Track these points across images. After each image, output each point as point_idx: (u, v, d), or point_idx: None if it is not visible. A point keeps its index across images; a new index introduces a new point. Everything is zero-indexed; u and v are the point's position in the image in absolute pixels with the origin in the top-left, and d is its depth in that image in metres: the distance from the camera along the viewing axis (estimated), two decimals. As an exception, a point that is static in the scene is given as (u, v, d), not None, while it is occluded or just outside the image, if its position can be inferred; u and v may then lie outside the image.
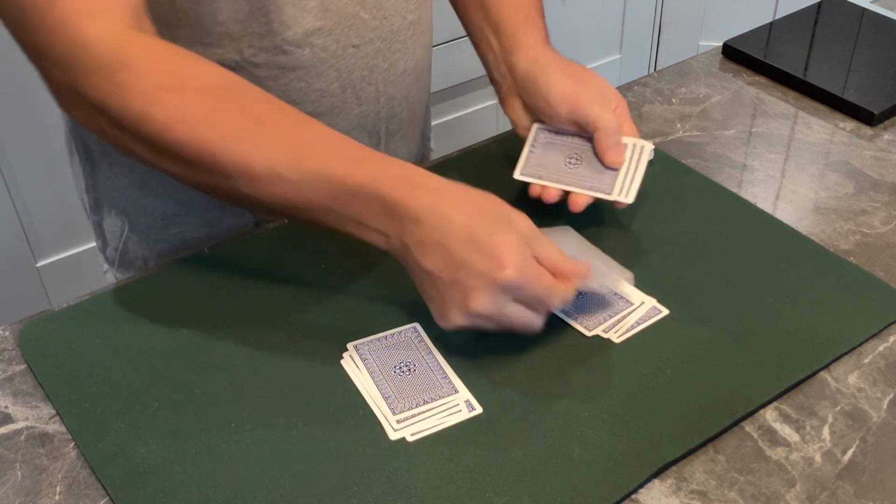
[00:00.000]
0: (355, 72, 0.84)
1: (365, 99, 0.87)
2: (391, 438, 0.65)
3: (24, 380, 0.70)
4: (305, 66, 0.81)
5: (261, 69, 0.80)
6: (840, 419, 0.67)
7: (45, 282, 1.88)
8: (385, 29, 0.85)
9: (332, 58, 0.82)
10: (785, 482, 0.62)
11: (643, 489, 0.62)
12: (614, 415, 0.66)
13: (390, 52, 0.86)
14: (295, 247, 0.81)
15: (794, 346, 0.71)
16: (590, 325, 0.73)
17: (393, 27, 0.85)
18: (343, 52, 0.82)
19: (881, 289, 0.77)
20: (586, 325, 0.73)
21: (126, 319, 0.74)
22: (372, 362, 0.70)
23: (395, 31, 0.86)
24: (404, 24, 0.86)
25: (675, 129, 0.98)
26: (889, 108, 0.98)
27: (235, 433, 0.65)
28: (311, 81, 0.82)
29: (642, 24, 2.51)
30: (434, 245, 0.65)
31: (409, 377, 0.69)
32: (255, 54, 0.79)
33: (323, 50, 0.81)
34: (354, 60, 0.84)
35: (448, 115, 2.24)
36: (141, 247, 0.94)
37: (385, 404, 0.67)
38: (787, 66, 1.05)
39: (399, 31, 0.86)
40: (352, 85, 0.85)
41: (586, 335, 0.72)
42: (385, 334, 0.72)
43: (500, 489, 0.61)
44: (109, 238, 0.96)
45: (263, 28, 0.78)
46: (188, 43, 0.77)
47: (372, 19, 0.83)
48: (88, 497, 0.62)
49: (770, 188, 0.89)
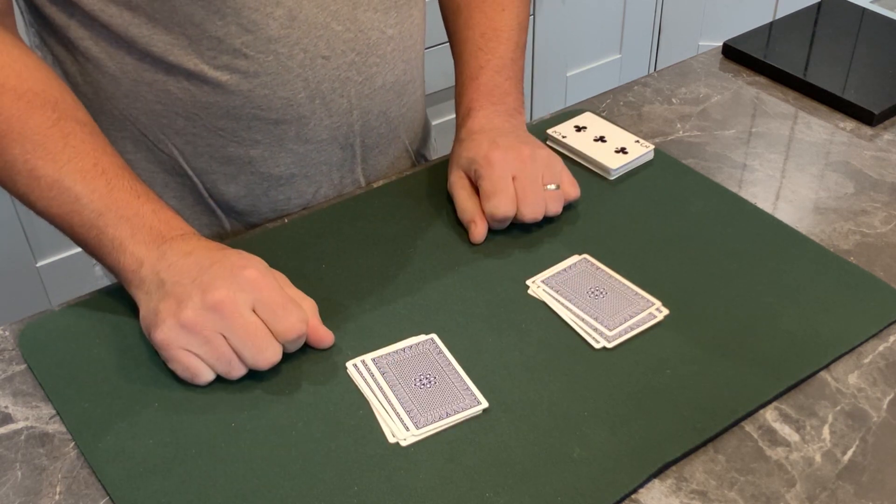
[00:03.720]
0: (325, 83, 0.82)
1: (336, 111, 0.85)
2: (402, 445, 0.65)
3: (24, 380, 0.70)
4: (269, 73, 0.80)
5: (221, 73, 0.79)
6: (840, 419, 0.67)
7: (45, 282, 1.88)
8: (360, 42, 0.83)
9: (298, 67, 0.80)
10: (785, 482, 0.62)
11: (643, 489, 0.62)
12: (614, 415, 0.66)
13: (366, 66, 0.84)
14: (295, 247, 0.81)
15: (794, 346, 0.71)
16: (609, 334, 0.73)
17: (369, 40, 0.83)
18: (311, 62, 0.81)
19: (881, 289, 0.77)
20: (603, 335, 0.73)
21: (126, 319, 0.74)
22: (391, 375, 0.69)
23: (371, 45, 0.84)
24: (383, 38, 0.84)
25: (675, 129, 0.98)
26: (889, 108, 0.98)
27: (235, 433, 0.65)
28: (276, 89, 0.81)
29: (642, 24, 2.51)
30: (183, 262, 0.69)
31: (430, 389, 0.68)
32: (215, 57, 0.78)
33: (289, 58, 0.80)
34: (325, 72, 0.82)
35: (448, 115, 2.24)
36: None
37: (408, 417, 0.66)
38: (787, 66, 1.05)
39: (377, 44, 0.84)
40: (321, 96, 0.83)
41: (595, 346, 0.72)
42: (403, 346, 0.71)
43: (500, 489, 0.61)
44: None
45: (221, 31, 0.77)
46: (148, 43, 0.77)
47: (345, 31, 0.81)
48: (88, 497, 0.62)
49: (770, 188, 0.89)
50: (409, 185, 0.89)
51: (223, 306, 0.66)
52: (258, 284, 0.68)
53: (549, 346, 0.72)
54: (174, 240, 0.71)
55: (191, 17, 0.76)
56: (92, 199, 0.71)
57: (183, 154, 0.85)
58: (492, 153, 0.82)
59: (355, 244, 0.82)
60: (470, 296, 0.76)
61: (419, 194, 0.87)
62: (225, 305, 0.66)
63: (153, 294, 0.69)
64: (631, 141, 0.92)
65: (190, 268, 0.68)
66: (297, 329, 0.68)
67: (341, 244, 0.82)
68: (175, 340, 0.67)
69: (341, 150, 0.88)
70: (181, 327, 0.66)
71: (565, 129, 0.93)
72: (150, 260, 0.70)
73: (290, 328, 0.68)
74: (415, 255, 0.80)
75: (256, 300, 0.67)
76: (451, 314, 0.74)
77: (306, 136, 0.85)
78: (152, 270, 0.69)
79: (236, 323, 0.66)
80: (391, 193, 0.88)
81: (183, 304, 0.67)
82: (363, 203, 0.87)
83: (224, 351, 0.67)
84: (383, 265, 0.79)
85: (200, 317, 0.66)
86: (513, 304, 0.75)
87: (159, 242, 0.70)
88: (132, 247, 0.70)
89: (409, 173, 0.91)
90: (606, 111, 1.00)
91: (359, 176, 0.91)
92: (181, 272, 0.68)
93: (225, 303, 0.66)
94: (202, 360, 0.67)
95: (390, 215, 0.85)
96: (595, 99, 1.03)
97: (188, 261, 0.69)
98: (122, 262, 0.71)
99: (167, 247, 0.70)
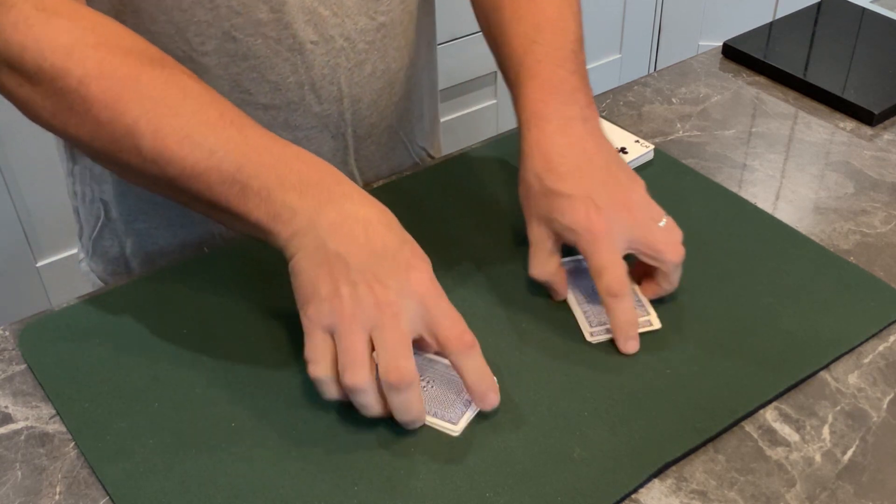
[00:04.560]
0: (314, 69, 0.82)
1: (326, 98, 0.84)
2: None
3: (24, 380, 0.70)
4: (258, 56, 0.80)
5: (210, 58, 0.79)
6: (840, 419, 0.67)
7: (45, 282, 1.89)
8: (348, 27, 0.82)
9: (286, 51, 0.80)
10: (785, 482, 0.62)
11: (643, 489, 0.62)
12: (614, 415, 0.66)
13: (355, 53, 0.83)
14: (295, 247, 0.81)
15: (794, 346, 0.71)
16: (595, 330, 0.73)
17: (358, 27, 0.82)
18: (300, 46, 0.80)
19: (881, 289, 0.77)
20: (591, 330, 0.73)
21: (126, 319, 0.74)
22: None
23: (360, 31, 0.83)
24: (373, 24, 0.83)
25: (675, 129, 0.98)
26: (889, 108, 0.98)
27: (235, 433, 0.65)
28: (264, 73, 0.80)
29: (642, 24, 2.51)
30: (350, 228, 0.63)
31: (425, 392, 0.67)
32: (204, 42, 0.78)
33: (277, 42, 0.79)
34: (313, 57, 0.81)
35: (448, 115, 2.24)
36: (113, 240, 0.93)
37: None
38: (787, 66, 1.05)
39: (366, 31, 0.83)
40: (310, 82, 0.82)
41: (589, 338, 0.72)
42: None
43: (500, 489, 0.61)
44: (85, 225, 0.96)
45: (210, 14, 0.77)
46: (134, 30, 0.77)
47: (333, 16, 0.80)
48: (88, 497, 0.62)
49: (770, 188, 0.89)
50: (409, 185, 0.89)
51: (387, 308, 0.62)
52: (429, 292, 0.64)
53: (549, 346, 0.72)
54: (331, 191, 0.64)
55: (179, 3, 0.76)
56: (228, 149, 0.64)
57: None
58: (594, 225, 0.71)
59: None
60: (470, 296, 0.76)
61: (419, 194, 0.87)
62: (389, 309, 0.62)
63: (311, 254, 0.63)
64: (631, 141, 0.92)
65: (358, 238, 0.63)
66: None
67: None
68: (323, 320, 0.63)
69: (333, 140, 0.88)
70: (332, 312, 0.62)
71: None
72: (306, 210, 0.63)
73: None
74: (415, 255, 0.80)
75: (421, 313, 0.63)
76: (451, 314, 0.74)
77: (296, 122, 0.84)
78: (309, 222, 0.63)
79: (391, 333, 0.62)
80: (391, 193, 0.88)
81: (341, 287, 0.62)
82: (363, 203, 0.87)
83: (360, 352, 0.62)
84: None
85: (360, 310, 0.62)
86: (513, 304, 0.75)
87: (312, 190, 0.64)
88: (282, 196, 0.63)
89: (410, 173, 0.91)
90: (606, 111, 1.00)
91: (352, 168, 0.91)
92: (348, 240, 0.63)
93: (391, 305, 0.62)
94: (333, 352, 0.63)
95: (390, 215, 0.85)
96: (595, 98, 1.03)
97: (355, 229, 0.63)
98: (272, 214, 0.63)
99: (325, 198, 0.64)
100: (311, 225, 0.63)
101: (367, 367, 0.62)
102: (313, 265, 0.63)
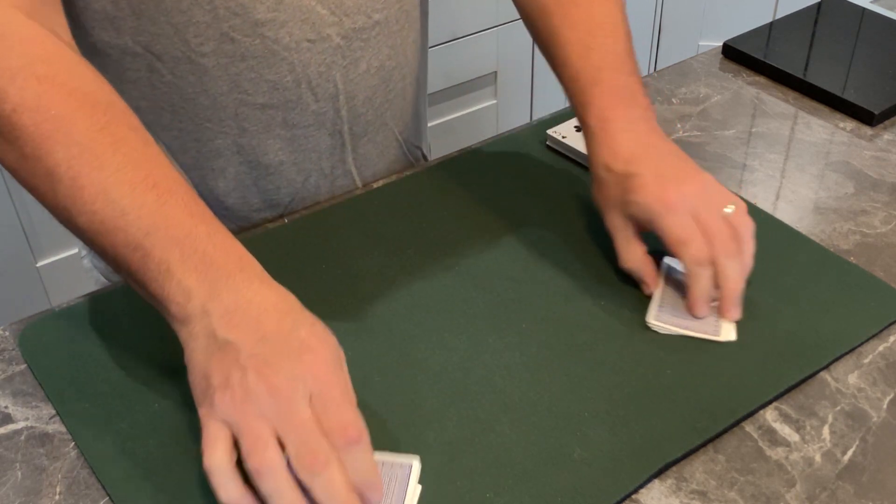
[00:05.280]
0: (311, 67, 0.83)
1: (322, 96, 0.85)
2: None
3: (24, 380, 0.70)
4: (256, 56, 0.80)
5: (208, 58, 0.79)
6: (840, 419, 0.67)
7: (45, 282, 1.88)
8: (345, 26, 0.83)
9: (284, 50, 0.81)
10: (785, 482, 0.62)
11: (643, 489, 0.62)
12: (614, 415, 0.66)
13: (350, 50, 0.85)
14: (295, 247, 0.81)
15: (794, 346, 0.71)
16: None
17: (355, 25, 0.84)
18: (297, 45, 0.81)
19: (881, 289, 0.77)
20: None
21: (126, 319, 0.74)
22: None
23: (357, 30, 0.84)
24: (369, 22, 0.85)
25: (675, 129, 0.98)
26: (889, 108, 0.98)
27: (235, 433, 0.65)
28: (262, 72, 0.81)
29: (642, 24, 2.51)
30: (243, 315, 0.60)
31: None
32: (203, 43, 0.78)
33: (275, 42, 0.80)
34: (310, 55, 0.82)
35: (448, 115, 2.24)
36: None
37: None
38: (787, 66, 1.05)
39: (362, 29, 0.84)
40: (307, 80, 0.83)
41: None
42: (380, 460, 0.62)
43: (500, 489, 0.61)
44: None
45: (209, 16, 0.77)
46: (135, 33, 0.77)
47: (330, 15, 0.82)
48: (88, 497, 0.62)
49: (770, 188, 0.89)
50: (409, 185, 0.89)
51: (279, 393, 0.57)
52: (321, 376, 0.58)
53: (549, 346, 0.72)
54: (231, 276, 0.61)
55: (178, 4, 0.76)
56: (140, 214, 0.61)
57: (170, 150, 0.85)
58: (668, 194, 0.73)
59: (355, 244, 0.82)
60: (470, 296, 0.76)
61: (419, 194, 0.87)
62: (281, 394, 0.57)
63: (202, 345, 0.60)
64: None
65: (249, 324, 0.59)
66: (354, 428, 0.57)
67: (341, 244, 0.82)
68: (217, 412, 0.58)
69: (329, 137, 0.89)
70: (224, 401, 0.58)
71: (565, 129, 0.93)
72: (200, 294, 0.60)
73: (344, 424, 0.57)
74: (415, 255, 0.80)
75: (315, 391, 0.58)
76: (451, 314, 0.74)
77: (293, 120, 0.85)
78: (202, 309, 0.60)
79: (290, 417, 0.57)
80: (391, 193, 0.88)
81: (232, 375, 0.58)
82: (363, 203, 0.87)
83: (263, 434, 0.57)
84: (383, 265, 0.79)
85: (252, 397, 0.57)
86: (513, 304, 0.75)
87: (213, 274, 0.61)
88: (180, 274, 0.60)
89: (410, 173, 0.91)
90: (606, 111, 1.00)
91: (350, 166, 0.92)
92: (240, 328, 0.59)
93: (282, 390, 0.57)
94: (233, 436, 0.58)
95: (390, 215, 0.85)
96: (595, 99, 1.03)
97: (247, 316, 0.60)
98: (167, 292, 0.61)
99: (223, 284, 0.60)
100: (204, 312, 0.60)
101: (274, 447, 0.56)
102: (205, 356, 0.59)
